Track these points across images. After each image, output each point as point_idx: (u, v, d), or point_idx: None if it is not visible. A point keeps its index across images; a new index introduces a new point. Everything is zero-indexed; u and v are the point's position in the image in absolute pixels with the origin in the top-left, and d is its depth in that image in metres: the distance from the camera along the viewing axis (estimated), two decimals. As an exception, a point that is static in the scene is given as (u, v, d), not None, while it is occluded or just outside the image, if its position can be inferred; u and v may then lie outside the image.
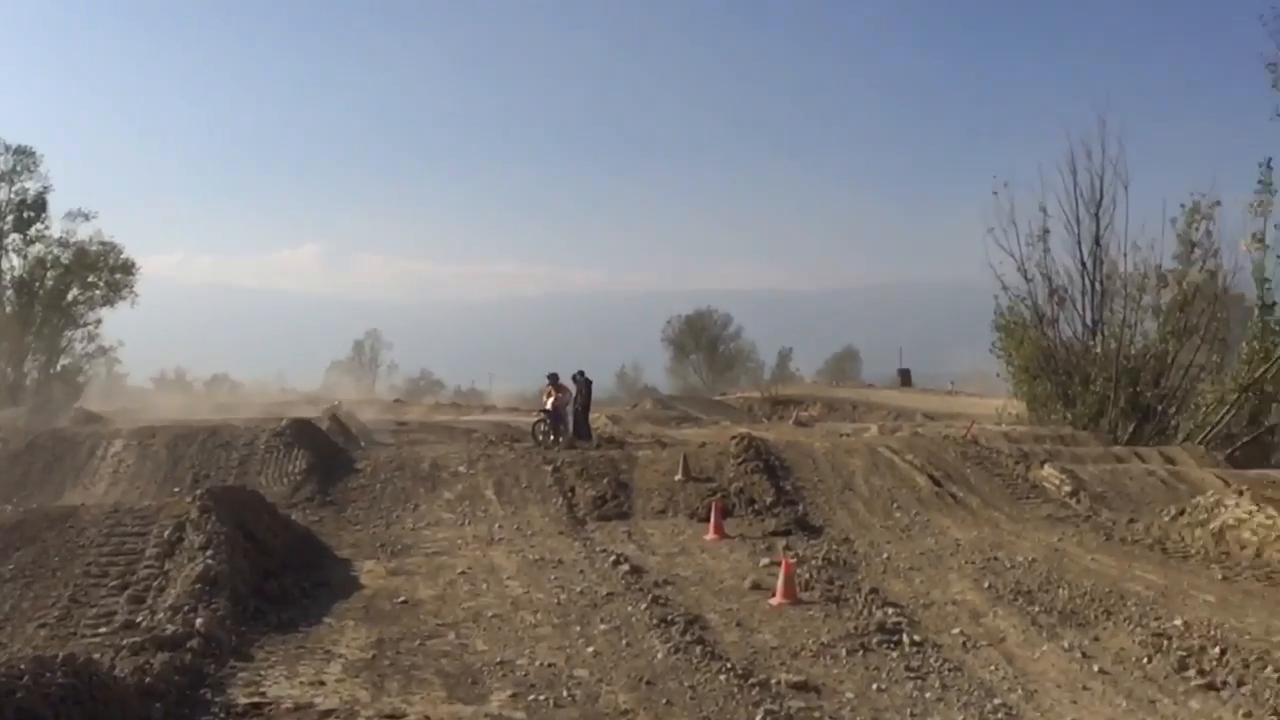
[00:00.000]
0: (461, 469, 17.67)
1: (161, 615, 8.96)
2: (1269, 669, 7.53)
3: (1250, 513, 11.75)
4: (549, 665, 8.18)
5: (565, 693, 7.54)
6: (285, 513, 14.29)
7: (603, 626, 9.33)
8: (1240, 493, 12.40)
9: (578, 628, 9.32)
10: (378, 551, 13.13)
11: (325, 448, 19.30)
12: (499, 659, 8.33)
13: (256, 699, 7.18)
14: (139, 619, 9.14)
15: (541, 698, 7.41)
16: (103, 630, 8.95)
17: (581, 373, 26.72)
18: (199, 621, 8.44)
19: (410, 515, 15.54)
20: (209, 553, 10.02)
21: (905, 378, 64.09)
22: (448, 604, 10.28)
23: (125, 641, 8.00)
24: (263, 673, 7.86)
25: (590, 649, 8.63)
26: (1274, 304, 26.03)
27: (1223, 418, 26.43)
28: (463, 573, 11.70)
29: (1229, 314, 30.23)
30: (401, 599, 10.45)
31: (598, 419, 30.28)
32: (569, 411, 26.11)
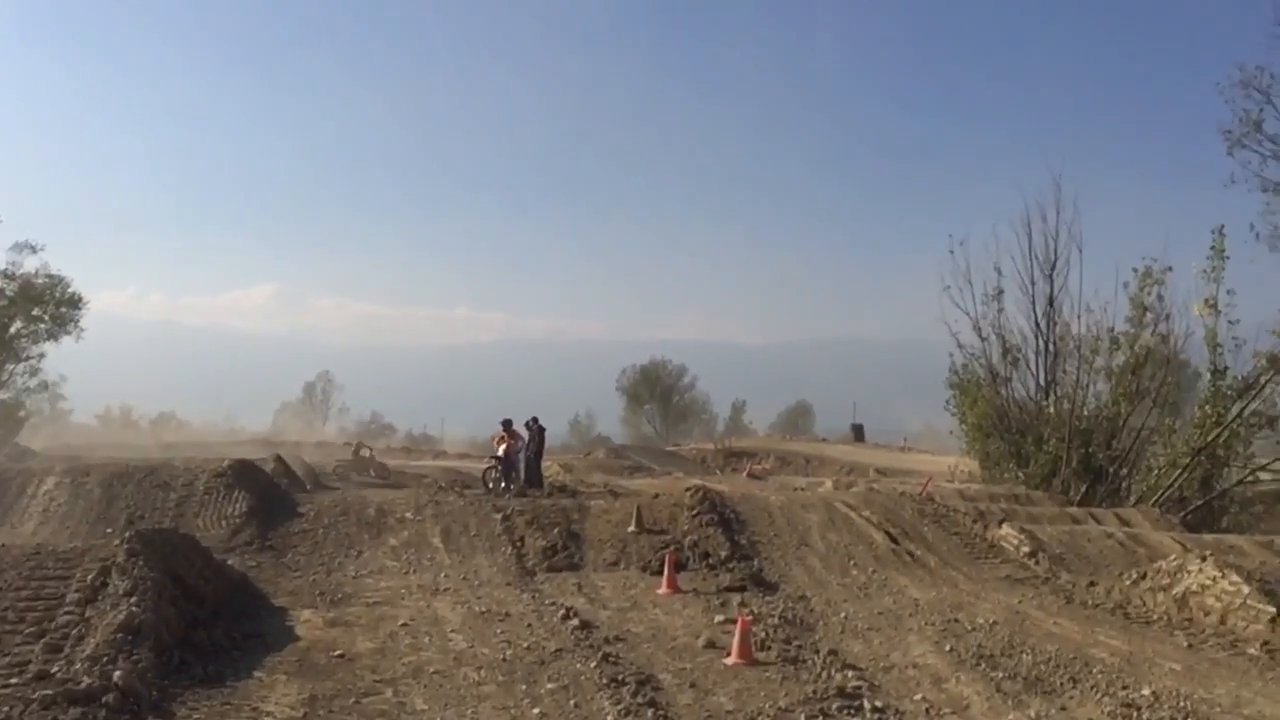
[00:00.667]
0: (408, 515, 17.14)
1: (79, 666, 8.33)
2: (1244, 745, 7.25)
3: (1214, 579, 11.54)
4: (492, 727, 7.71)
5: (508, 758, 7.08)
6: (222, 557, 13.71)
7: (550, 685, 8.87)
8: (1204, 558, 12.21)
9: (523, 686, 8.85)
10: (316, 600, 12.56)
11: (268, 490, 18.68)
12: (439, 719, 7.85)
13: (174, 761, 6.65)
14: (54, 669, 8.49)
15: (483, 763, 6.94)
16: (14, 681, 8.30)
17: (535, 419, 26.35)
18: (117, 674, 7.85)
19: (353, 562, 14.97)
20: (133, 599, 9.43)
21: (858, 433, 64.08)
22: (387, 658, 9.76)
23: (36, 694, 7.41)
24: (183, 731, 7.32)
25: (536, 710, 8.17)
26: (1226, 369, 26.18)
27: (1175, 481, 26.45)
28: (404, 624, 11.18)
29: (1179, 378, 30.46)
30: (338, 652, 9.91)
31: (550, 467, 29.81)
32: (521, 459, 25.68)
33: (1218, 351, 26.27)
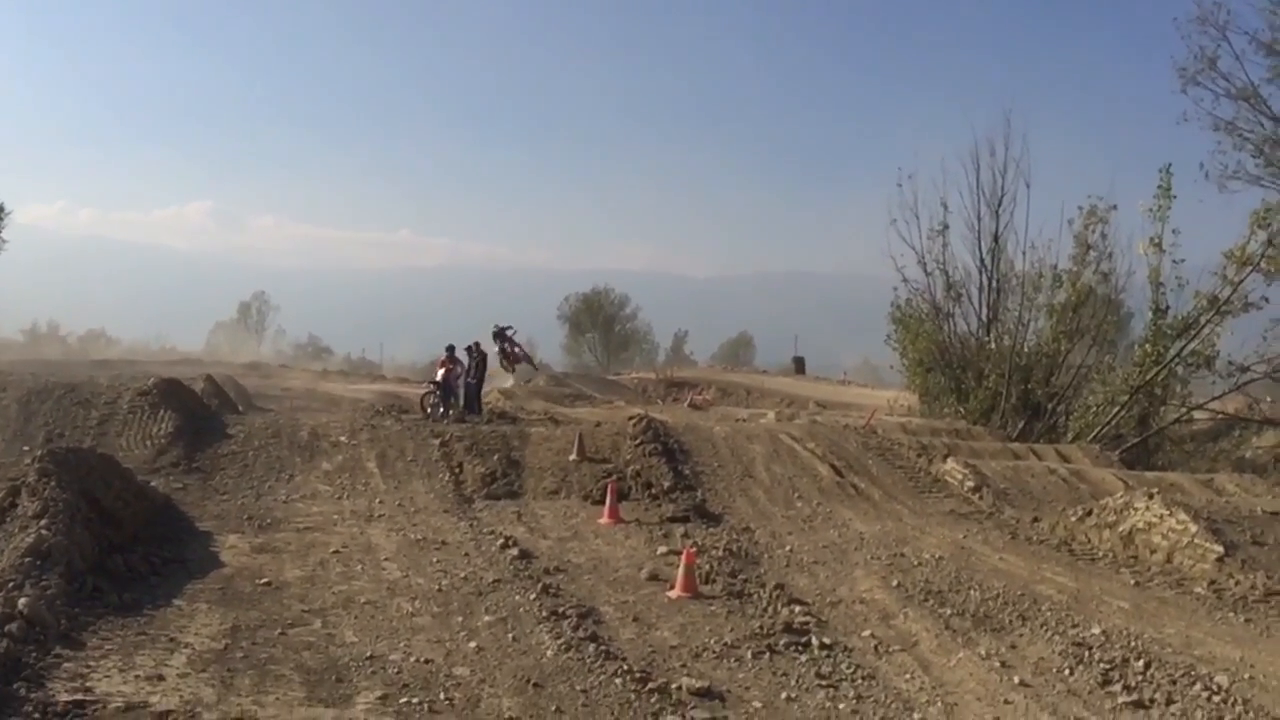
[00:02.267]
0: (343, 439, 16.63)
1: (-19, 592, 7.83)
2: (1197, 685, 7.11)
3: (1161, 517, 11.45)
4: (426, 662, 7.34)
5: (442, 695, 6.72)
6: (145, 479, 13.15)
7: (487, 618, 8.52)
8: (1150, 496, 12.12)
9: (460, 618, 8.49)
10: (244, 525, 12.08)
11: (196, 410, 18.03)
12: (369, 653, 7.45)
13: (80, 695, 6.18)
14: (-45, 596, 8.00)
15: (415, 700, 6.57)
16: (-90, 608, 7.80)
17: (477, 344, 25.88)
18: (22, 601, 7.32)
19: (284, 486, 14.46)
20: (43, 522, 8.87)
21: (799, 365, 64.20)
22: (316, 587, 9.34)
23: (-68, 623, 6.91)
24: (93, 664, 6.84)
25: (473, 644, 7.81)
26: (1168, 308, 26.30)
27: (1112, 418, 26.68)
28: (336, 552, 10.75)
29: (1119, 317, 30.68)
30: (265, 580, 9.46)
31: (490, 393, 29.31)
32: (460, 384, 25.24)
33: (1160, 291, 26.33)
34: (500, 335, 28.82)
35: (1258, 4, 24.05)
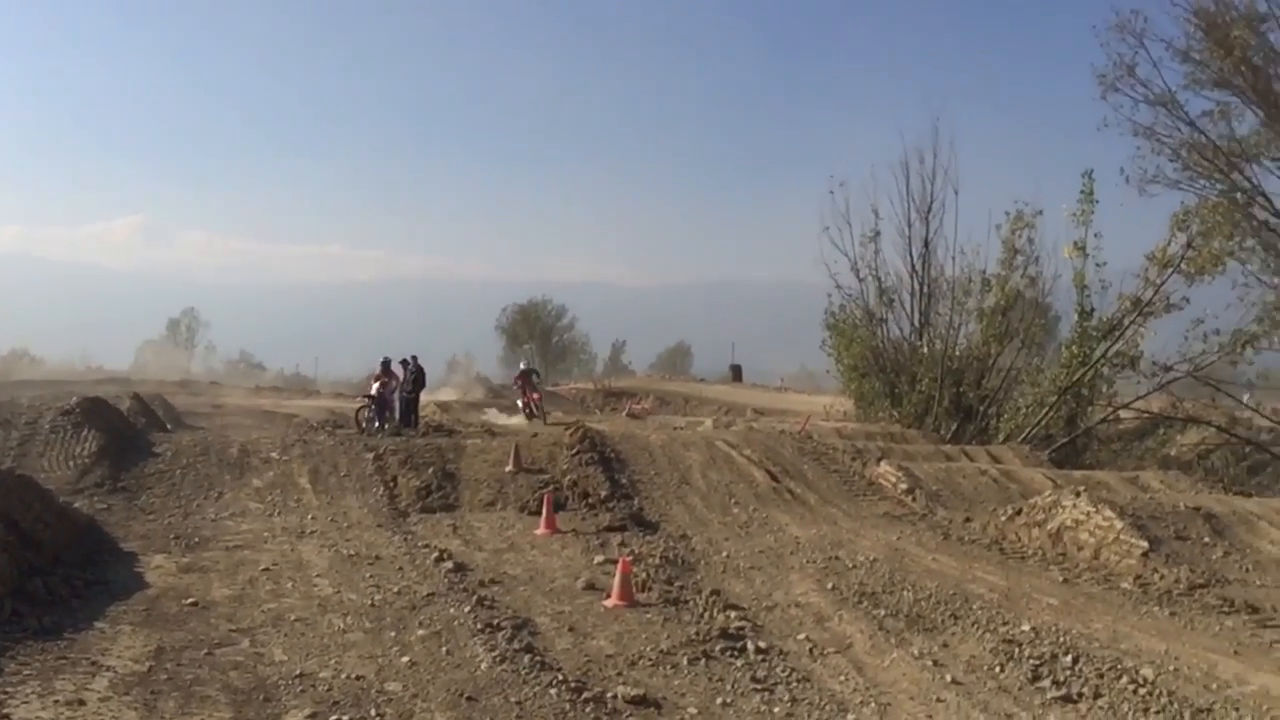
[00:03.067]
0: (274, 455, 16.34)
1: (-108, 620, 7.57)
2: (1124, 679, 7.23)
3: (1088, 514, 11.69)
4: (357, 678, 7.22)
5: (373, 711, 6.61)
6: (68, 500, 12.83)
7: (421, 632, 8.41)
8: (1077, 494, 12.36)
9: (393, 633, 8.37)
10: (170, 544, 11.80)
11: (121, 429, 17.59)
12: (299, 671, 7.31)
13: (-4, 724, 6.00)
14: None
15: (345, 718, 6.46)
16: None
17: (415, 358, 25.72)
18: (-65, 629, 7.11)
19: (212, 504, 14.17)
20: (-42, 546, 8.60)
21: (736, 373, 64.65)
22: (245, 606, 9.15)
23: None
24: (11, 689, 6.61)
25: (405, 658, 7.70)
26: (1092, 310, 26.88)
27: (1041, 419, 27.19)
28: (266, 569, 10.55)
29: (1047, 320, 31.29)
30: (191, 600, 9.24)
31: (426, 406, 29.08)
32: (396, 398, 25.05)
33: (1085, 293, 26.97)
34: (527, 375, 30.52)
35: (1173, 12, 24.63)
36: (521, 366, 30.93)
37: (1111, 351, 26.80)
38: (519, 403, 30.31)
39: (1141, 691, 7.04)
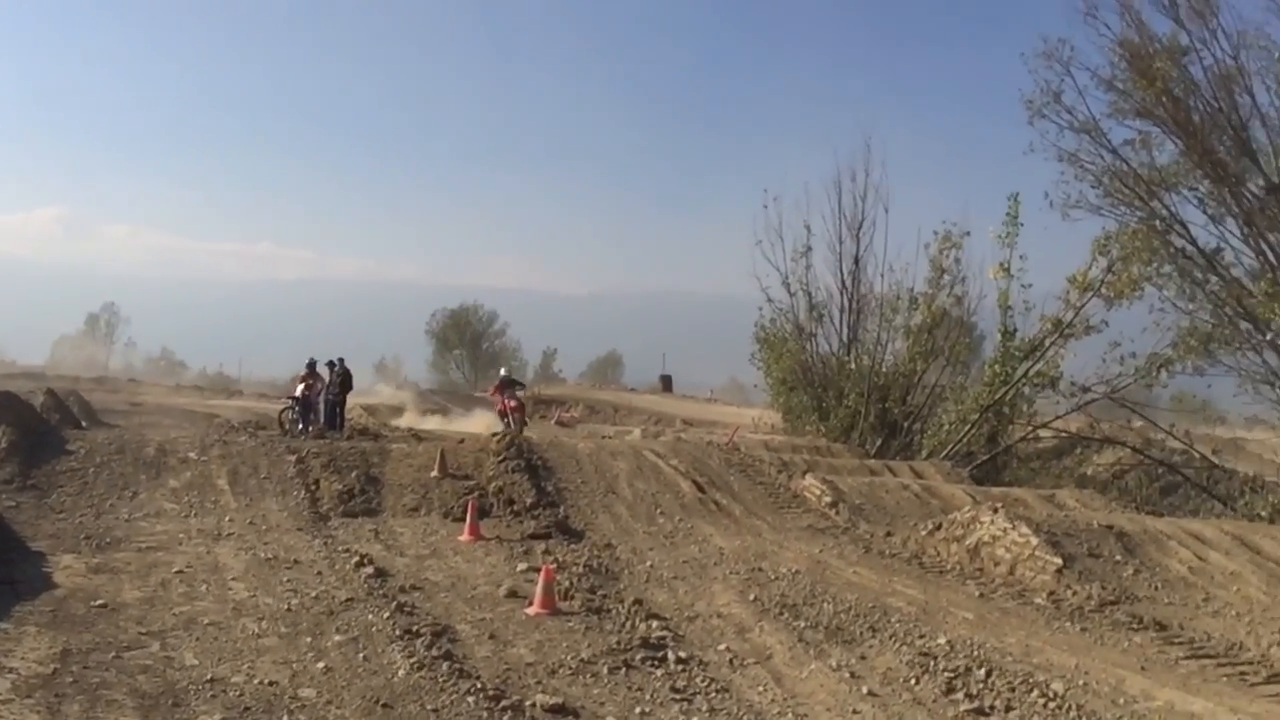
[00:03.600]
0: (192, 455, 16.01)
1: None
2: (1034, 693, 7.37)
3: (1005, 530, 11.91)
4: (270, 684, 7.09)
5: (286, 717, 6.51)
6: (-27, 497, 12.41)
7: (338, 638, 8.28)
8: (995, 510, 12.59)
9: (308, 639, 8.23)
10: (80, 544, 11.49)
11: (33, 425, 17.08)
12: (210, 676, 7.16)
13: (-113, 728, 5.78)
14: None
15: (256, 724, 6.34)
16: None
17: (341, 360, 25.43)
18: None
19: (126, 504, 13.83)
20: None
21: (666, 384, 64.80)
22: (156, 608, 8.94)
23: None
24: (-96, 692, 6.40)
25: (321, 664, 7.58)
26: (1015, 331, 27.43)
27: (964, 436, 27.64)
28: (179, 572, 10.32)
29: (972, 339, 31.87)
30: (100, 601, 9.01)
31: (352, 409, 28.73)
32: (321, 400, 24.74)
33: (1008, 314, 27.48)
34: (504, 384, 26.95)
35: (1099, 42, 25.24)
36: (502, 373, 28.22)
37: (1032, 371, 27.33)
38: (496, 411, 28.10)
39: (1051, 705, 7.18)
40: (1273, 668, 8.17)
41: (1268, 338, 23.56)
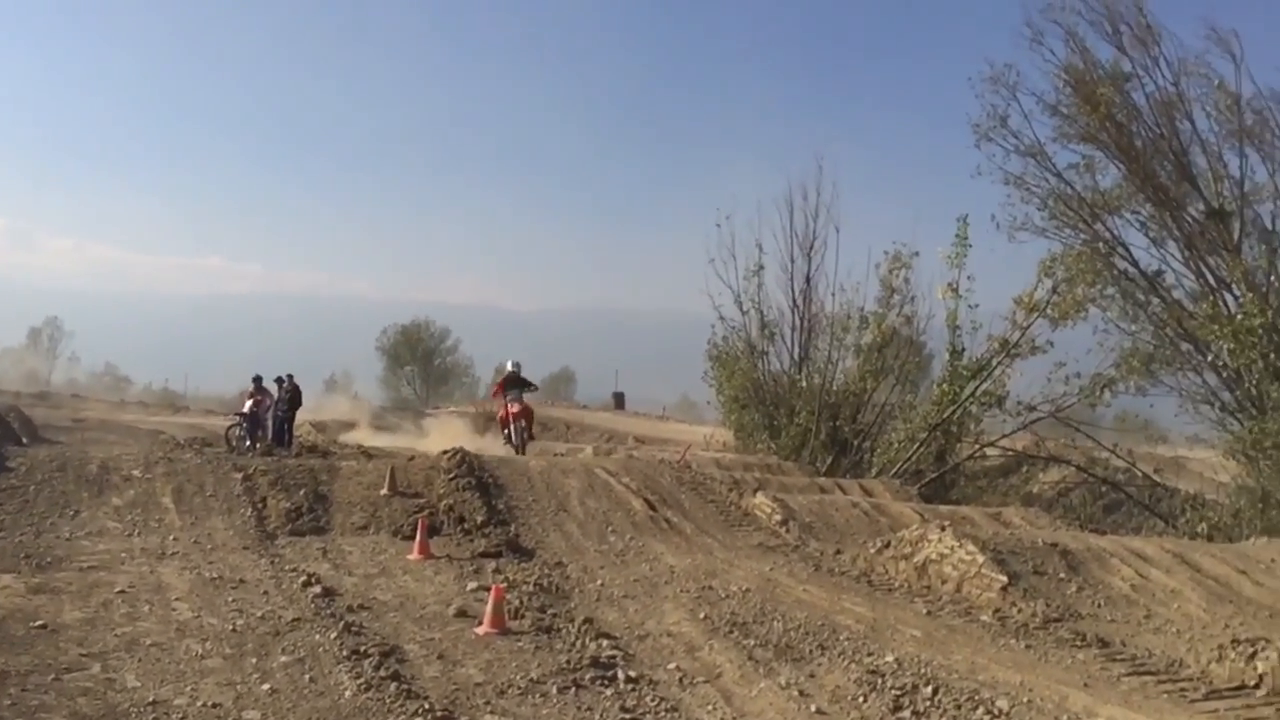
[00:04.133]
0: (136, 473, 15.74)
1: None
2: (980, 709, 7.46)
3: (952, 548, 12.04)
4: (213, 706, 6.99)
5: (230, 740, 6.42)
6: (-93, 515, 12.11)
7: (284, 658, 8.19)
8: (943, 528, 12.72)
9: (254, 660, 8.13)
10: (19, 564, 11.24)
11: (-29, 442, 16.75)
12: (152, 698, 7.05)
13: None
14: None
15: (199, 747, 6.25)
16: None
17: (290, 376, 25.20)
18: None
19: (68, 523, 13.56)
20: None
21: (619, 401, 64.91)
22: (98, 629, 8.78)
23: None
24: None
25: (266, 686, 7.49)
26: (963, 350, 27.81)
27: (912, 454, 27.94)
28: (122, 592, 10.14)
29: (921, 358, 32.27)
30: (39, 623, 8.82)
31: (301, 426, 28.44)
32: (269, 416, 24.50)
33: (957, 333, 27.90)
34: (507, 382, 22.75)
35: (1045, 68, 25.79)
36: (508, 368, 23.18)
37: (980, 391, 27.74)
38: (498, 419, 23.74)
39: (996, 722, 7.27)
40: (1211, 684, 8.32)
41: (1208, 359, 24.13)
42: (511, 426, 22.18)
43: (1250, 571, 12.46)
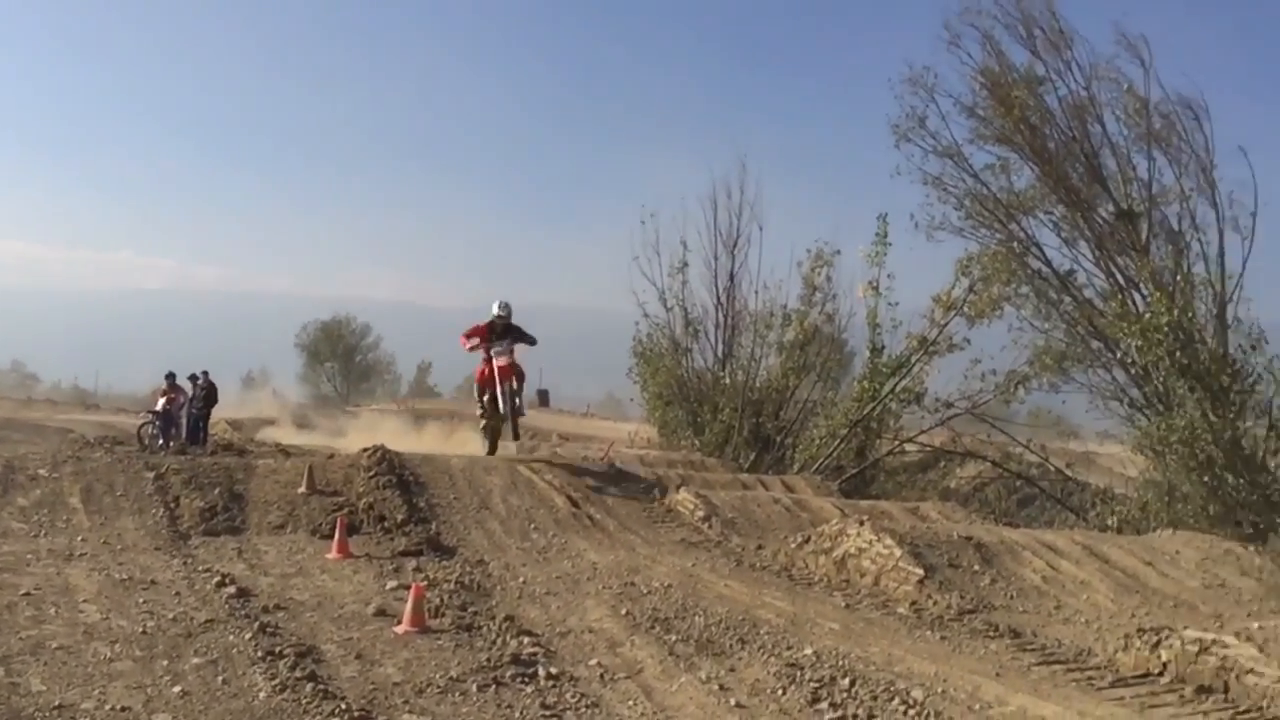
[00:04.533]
0: (43, 472, 15.27)
1: None
2: (895, 700, 7.57)
3: (870, 542, 12.22)
4: (122, 709, 6.81)
5: (139, 745, 6.26)
6: None
7: (196, 660, 8.01)
8: (861, 523, 12.91)
9: (165, 662, 7.94)
10: (-82, 567, 10.86)
11: None
12: (58, 702, 6.85)
13: None
14: None
15: (107, 752, 6.08)
16: None
17: (205, 373, 24.71)
18: None
19: (-31, 524, 13.12)
20: None
21: (544, 398, 64.46)
22: (1, 633, 8.50)
23: None
24: None
25: (177, 688, 7.32)
26: (883, 348, 28.24)
27: (833, 450, 28.28)
28: (27, 594, 9.83)
29: (842, 355, 32.69)
30: (-62, 627, 8.53)
31: (217, 423, 27.88)
32: (183, 414, 24.02)
33: (877, 331, 28.32)
34: (507, 331, 18.39)
35: (961, 70, 26.26)
36: (494, 311, 18.21)
37: (899, 387, 28.17)
38: (475, 380, 19.39)
39: (911, 712, 7.39)
40: (1118, 672, 8.55)
41: (1117, 356, 24.77)
42: (498, 388, 17.50)
43: (1156, 563, 12.86)
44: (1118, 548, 13.46)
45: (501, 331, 17.95)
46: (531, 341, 18.46)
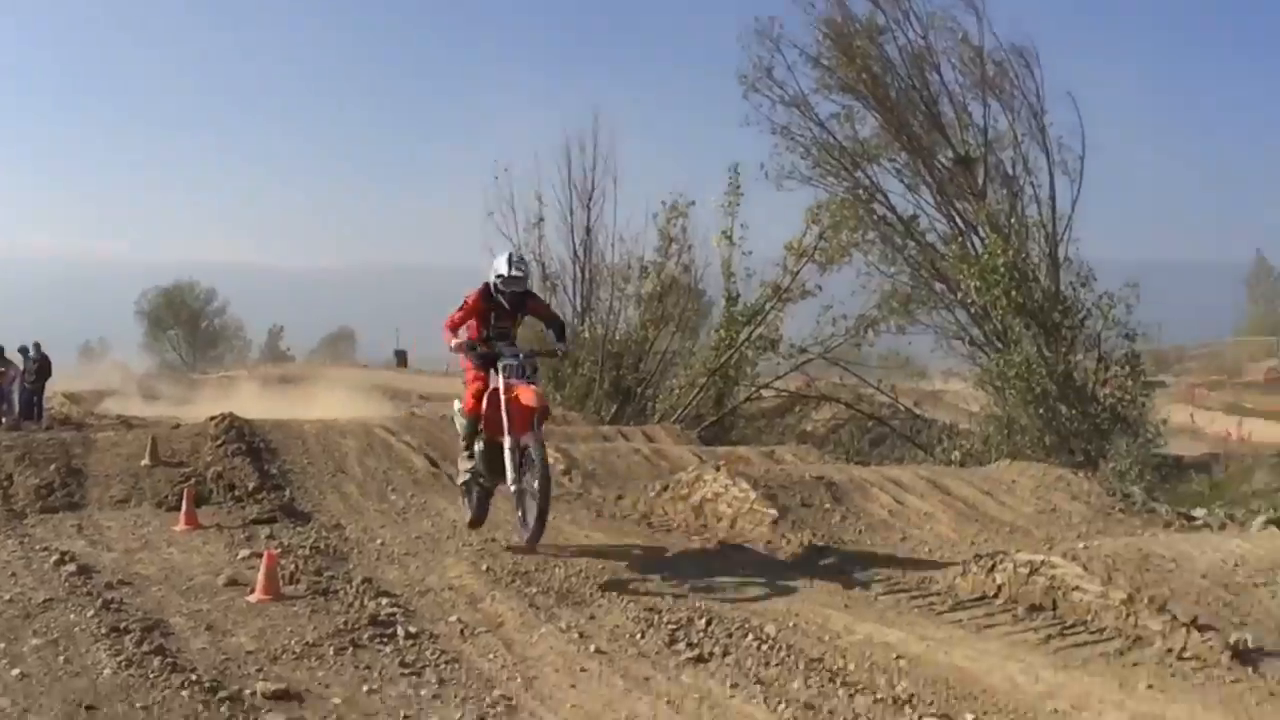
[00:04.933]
0: None
1: None
2: (749, 637, 7.79)
3: (726, 486, 12.49)
4: (-47, 698, 6.50)
5: (-27, 732, 6.00)
6: None
7: (35, 641, 7.68)
8: (717, 468, 13.17)
9: (1, 645, 7.59)
10: None
11: None
12: (-120, 695, 6.49)
13: None
14: None
15: (-63, 742, 5.81)
16: None
17: (38, 345, 23.55)
18: None
19: None
20: None
21: (402, 359, 63.74)
22: None
23: None
24: None
25: (16, 671, 7.02)
26: (738, 296, 28.77)
27: (693, 399, 28.79)
28: None
29: (700, 305, 33.17)
30: None
31: (53, 397, 26.61)
32: (15, 390, 22.89)
33: (732, 280, 28.87)
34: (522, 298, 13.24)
35: (805, 20, 26.74)
36: (505, 269, 10.64)
37: (755, 335, 28.81)
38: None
39: (764, 647, 7.62)
40: (957, 597, 8.97)
41: (958, 297, 25.87)
42: (506, 438, 10.68)
43: (994, 493, 13.51)
44: (959, 480, 14.08)
45: (511, 308, 10.90)
46: (560, 335, 11.93)
